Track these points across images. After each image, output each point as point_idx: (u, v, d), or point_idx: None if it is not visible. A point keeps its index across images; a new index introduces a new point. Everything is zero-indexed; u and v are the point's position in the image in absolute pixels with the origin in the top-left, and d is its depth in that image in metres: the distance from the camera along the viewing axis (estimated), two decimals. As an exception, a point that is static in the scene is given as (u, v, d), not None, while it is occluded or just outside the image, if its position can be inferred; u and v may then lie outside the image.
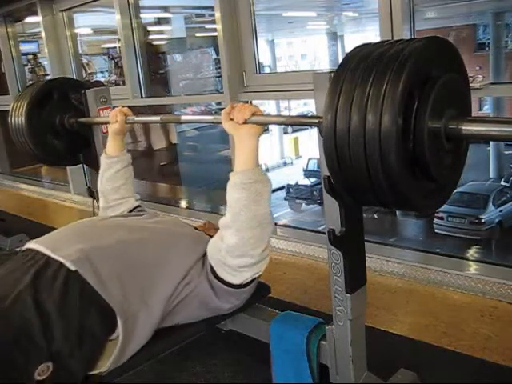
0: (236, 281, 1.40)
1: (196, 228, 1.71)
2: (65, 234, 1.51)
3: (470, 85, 1.90)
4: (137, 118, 1.84)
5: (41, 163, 2.74)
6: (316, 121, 1.03)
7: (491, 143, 10.77)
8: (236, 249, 1.35)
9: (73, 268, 1.29)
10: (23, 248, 1.46)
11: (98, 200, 2.04)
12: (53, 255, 1.34)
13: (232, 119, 1.38)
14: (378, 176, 0.97)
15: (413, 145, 0.99)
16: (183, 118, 1.58)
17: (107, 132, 2.15)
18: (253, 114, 1.36)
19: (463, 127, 1.02)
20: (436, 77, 1.02)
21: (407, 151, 0.98)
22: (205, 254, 1.46)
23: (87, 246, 1.38)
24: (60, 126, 2.18)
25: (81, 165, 3.38)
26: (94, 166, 2.06)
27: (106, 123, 1.85)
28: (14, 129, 2.20)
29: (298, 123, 1.38)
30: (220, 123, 1.42)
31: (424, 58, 1.00)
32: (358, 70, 1.00)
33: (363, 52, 1.04)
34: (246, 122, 1.36)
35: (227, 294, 1.44)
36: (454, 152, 1.09)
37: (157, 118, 1.85)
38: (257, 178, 1.34)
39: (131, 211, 1.82)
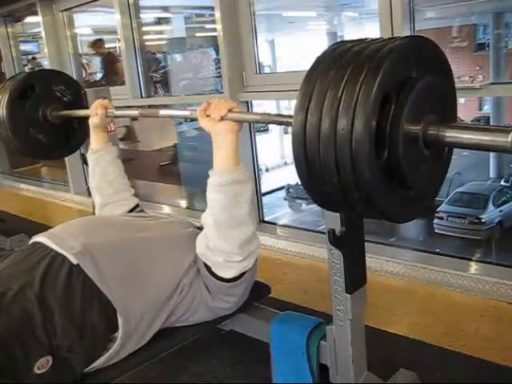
0: (227, 275, 1.39)
1: (199, 228, 1.71)
2: (71, 228, 1.51)
3: (470, 85, 1.91)
4: (116, 112, 1.82)
5: (26, 157, 2.64)
6: (292, 120, 0.97)
7: (491, 143, 10.76)
8: (219, 247, 1.35)
9: (75, 262, 1.30)
10: (30, 241, 1.47)
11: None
12: (57, 248, 1.34)
13: (209, 116, 1.35)
14: (349, 185, 0.91)
15: (387, 151, 0.92)
16: (161, 112, 1.57)
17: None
18: (229, 111, 1.33)
19: (443, 133, 0.95)
20: (416, 78, 0.95)
21: (381, 158, 0.91)
22: None
23: (91, 240, 1.38)
24: (43, 119, 2.13)
25: (80, 164, 3.39)
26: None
27: (87, 116, 1.85)
28: None
29: (274, 122, 1.34)
30: (196, 119, 1.39)
31: (403, 57, 0.93)
32: (332, 68, 0.92)
33: (339, 50, 0.97)
34: (222, 119, 1.33)
35: (222, 291, 1.43)
36: (434, 159, 1.02)
37: (135, 112, 1.84)
38: (235, 179, 1.31)
39: (131, 211, 1.82)
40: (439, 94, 1.02)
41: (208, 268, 1.40)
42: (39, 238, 1.43)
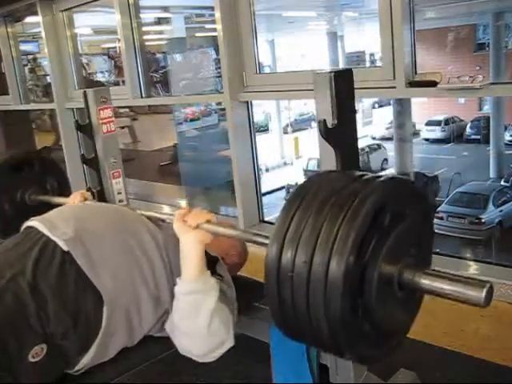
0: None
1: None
2: (64, 213, 1.51)
3: (470, 85, 1.91)
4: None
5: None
6: (267, 242, 0.96)
7: (491, 143, 10.78)
8: (179, 348, 1.37)
9: (65, 248, 1.29)
10: (23, 226, 1.46)
11: (97, 199, 2.04)
12: (48, 234, 1.33)
13: (185, 221, 1.35)
14: (319, 321, 0.89)
15: (361, 291, 0.90)
16: (138, 212, 1.60)
17: (107, 132, 2.16)
18: (207, 221, 1.34)
19: (419, 279, 0.94)
20: (396, 220, 0.93)
21: (354, 298, 0.89)
22: None
23: (83, 227, 1.37)
24: (19, 198, 2.11)
25: (80, 165, 3.39)
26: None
27: (63, 203, 1.84)
28: None
29: (251, 241, 1.32)
30: (171, 223, 1.39)
31: (384, 199, 0.91)
32: (314, 200, 0.92)
33: (323, 181, 0.98)
34: (197, 227, 1.33)
35: None
36: (406, 300, 1.00)
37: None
38: (196, 289, 1.30)
39: None
40: (418, 236, 1.01)
41: None
42: (32, 223, 1.42)
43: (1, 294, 1.20)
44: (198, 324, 1.30)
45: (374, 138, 13.97)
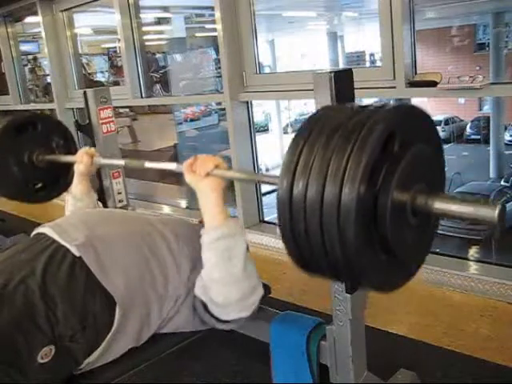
0: (223, 317, 1.39)
1: (200, 221, 1.70)
2: (75, 219, 1.52)
3: (470, 85, 1.91)
4: (102, 161, 1.83)
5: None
6: (277, 181, 0.95)
7: (491, 143, 10.78)
8: (216, 302, 1.35)
9: (77, 254, 1.30)
10: (33, 232, 1.47)
11: (98, 200, 2.04)
12: (59, 239, 1.35)
13: (195, 171, 1.35)
14: (334, 251, 0.89)
15: (374, 219, 0.90)
16: (146, 164, 1.60)
17: (107, 132, 2.17)
18: (216, 167, 1.33)
19: (432, 203, 0.94)
20: (405, 147, 0.93)
21: (368, 226, 0.89)
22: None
23: (94, 232, 1.39)
24: (27, 158, 2.09)
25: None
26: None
27: (73, 162, 1.84)
28: None
29: (260, 181, 1.31)
30: (181, 173, 1.39)
31: (394, 126, 0.91)
32: (321, 132, 0.91)
33: (329, 114, 0.97)
34: (208, 175, 1.33)
35: (213, 324, 1.42)
36: (420, 227, 1.00)
37: (121, 162, 1.84)
38: (223, 234, 1.31)
39: None
40: (428, 162, 1.01)
41: (204, 305, 1.39)
42: (43, 229, 1.43)
43: (11, 296, 1.21)
44: (235, 266, 1.31)
45: (374, 138, 13.97)
